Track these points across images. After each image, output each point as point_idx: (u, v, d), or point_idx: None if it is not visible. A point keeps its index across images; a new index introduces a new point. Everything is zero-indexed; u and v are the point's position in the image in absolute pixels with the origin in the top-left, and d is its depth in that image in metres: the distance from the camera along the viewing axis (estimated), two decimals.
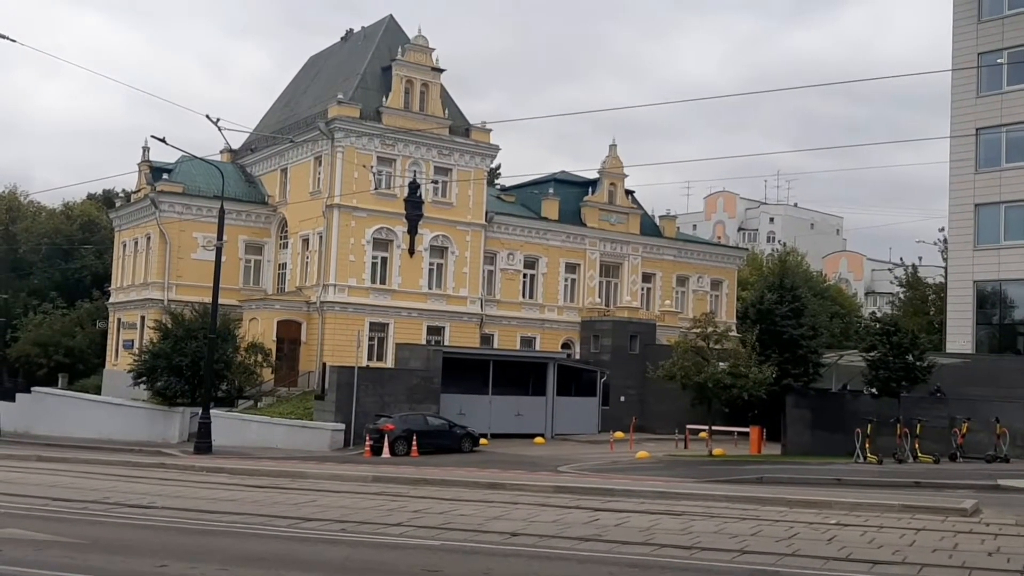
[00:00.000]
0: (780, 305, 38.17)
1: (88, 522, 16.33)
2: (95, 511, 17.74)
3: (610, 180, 56.00)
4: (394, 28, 53.45)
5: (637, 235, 56.67)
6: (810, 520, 16.78)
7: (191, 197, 50.75)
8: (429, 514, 17.15)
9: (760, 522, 16.49)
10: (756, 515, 17.48)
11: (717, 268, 60.24)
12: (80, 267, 62.83)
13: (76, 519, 16.68)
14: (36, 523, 15.82)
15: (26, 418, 51.16)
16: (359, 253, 47.82)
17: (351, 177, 47.41)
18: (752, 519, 16.89)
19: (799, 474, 28.01)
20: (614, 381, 48.04)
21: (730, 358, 36.05)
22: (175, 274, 50.25)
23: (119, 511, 17.69)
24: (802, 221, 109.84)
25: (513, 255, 52.78)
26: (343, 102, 48.00)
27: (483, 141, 51.53)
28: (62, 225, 66.44)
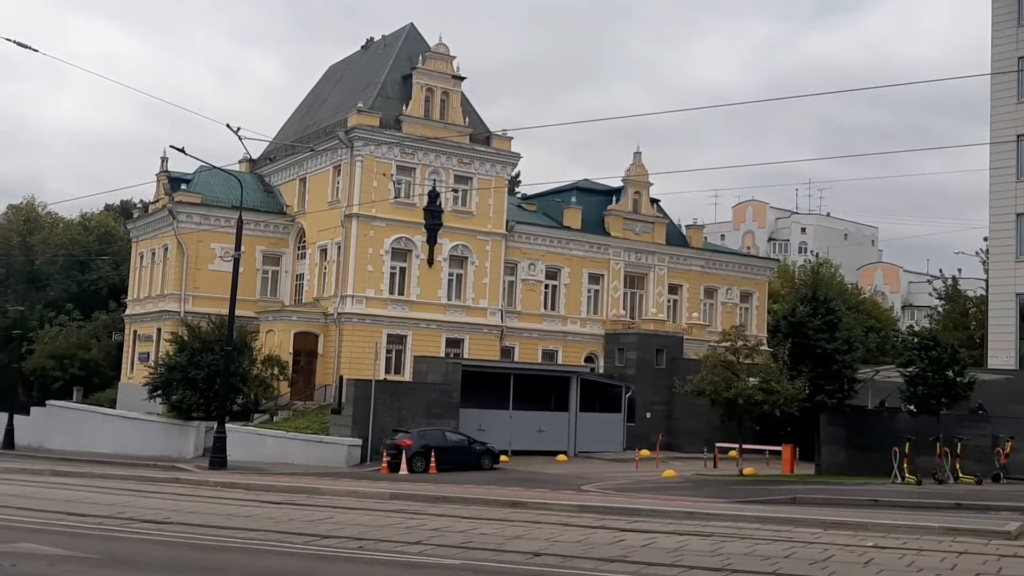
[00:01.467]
0: (813, 318, 37.03)
1: (103, 537, 16.24)
2: (110, 526, 17.66)
3: (634, 188, 54.84)
4: (415, 36, 52.74)
5: (663, 245, 55.43)
6: (846, 542, 16.27)
7: (209, 207, 50.18)
8: (449, 532, 16.98)
9: (793, 544, 16.10)
10: (789, 536, 17.09)
11: (747, 280, 58.84)
12: (97, 278, 62.56)
13: (90, 534, 16.57)
14: (50, 538, 15.76)
15: (41, 432, 50.70)
16: (377, 263, 46.97)
17: (370, 186, 46.64)
18: (785, 541, 16.50)
19: (834, 494, 27.19)
20: (639, 397, 46.82)
21: (761, 373, 34.89)
22: (192, 285, 49.60)
23: (134, 526, 17.61)
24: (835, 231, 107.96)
25: (534, 265, 51.73)
26: (363, 111, 47.29)
27: (504, 149, 50.60)
28: (79, 236, 66.25)
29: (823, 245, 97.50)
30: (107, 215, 70.46)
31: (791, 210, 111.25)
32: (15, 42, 23.91)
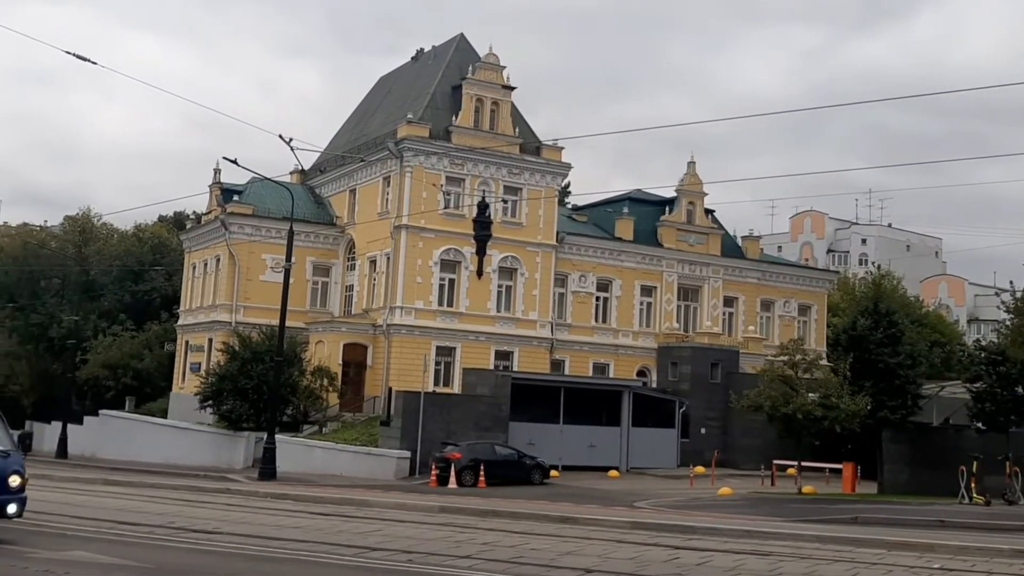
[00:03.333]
0: (875, 331, 36.13)
1: (154, 546, 16.28)
2: (161, 535, 17.71)
3: (688, 199, 53.98)
4: (464, 47, 52.48)
5: (718, 256, 54.44)
6: (911, 564, 16.02)
7: (260, 218, 50.33)
8: (499, 547, 16.84)
9: (855, 564, 15.85)
10: (851, 557, 16.81)
11: (805, 292, 57.54)
12: (150, 289, 63.08)
13: (142, 543, 16.62)
14: (102, 546, 15.82)
15: (93, 441, 51.16)
16: (426, 275, 46.68)
17: (419, 197, 46.40)
18: (847, 561, 16.26)
19: (897, 514, 26.61)
20: (694, 412, 45.87)
21: (820, 388, 33.93)
22: (243, 296, 49.73)
23: (184, 536, 17.64)
24: (897, 243, 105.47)
25: (585, 277, 51.04)
26: (412, 121, 47.12)
27: (554, 159, 50.06)
28: (133, 247, 66.85)
29: (884, 257, 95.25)
30: (160, 226, 71.18)
31: (851, 221, 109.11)
32: (74, 54, 23.86)
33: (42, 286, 64.98)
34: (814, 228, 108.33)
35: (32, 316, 63.06)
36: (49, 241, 70.00)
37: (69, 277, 63.89)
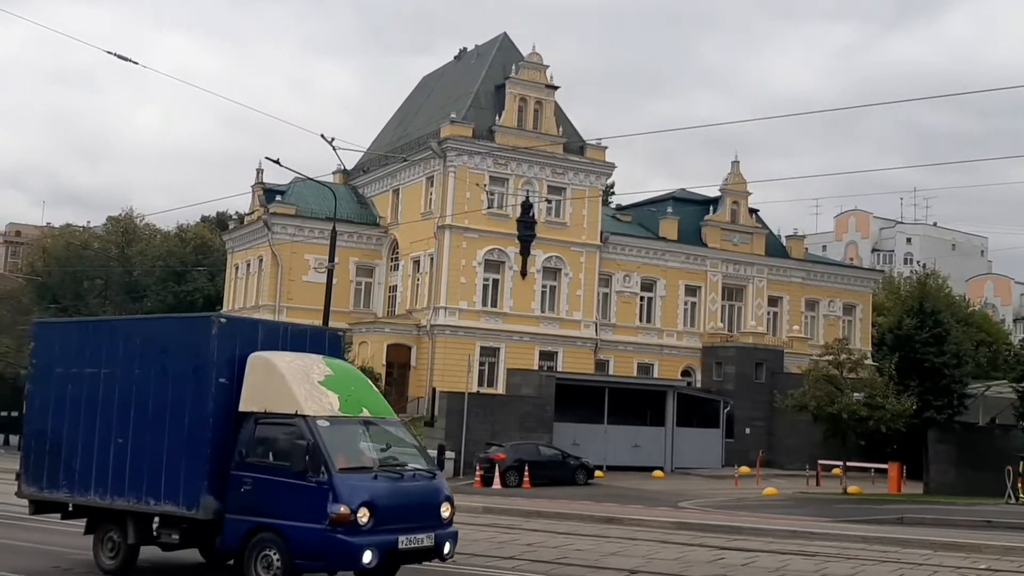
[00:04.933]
0: (920, 331, 35.70)
1: None
2: None
3: (732, 198, 53.65)
4: (508, 46, 52.52)
5: (762, 256, 54.10)
6: (957, 564, 15.95)
7: (303, 219, 50.58)
8: (543, 548, 16.85)
9: (901, 565, 15.76)
10: (897, 558, 16.73)
11: (850, 291, 57.06)
12: (193, 289, 63.21)
13: None
14: None
15: None
16: (470, 275, 46.74)
17: (463, 197, 46.46)
18: (892, 562, 16.17)
19: (944, 515, 26.25)
20: (738, 412, 45.54)
21: (866, 388, 33.55)
22: (286, 296, 50.01)
23: None
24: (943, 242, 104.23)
25: (629, 277, 50.88)
26: (456, 121, 47.20)
27: (598, 159, 49.94)
28: (176, 248, 67.03)
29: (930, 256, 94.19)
30: (203, 226, 71.39)
31: (896, 220, 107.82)
32: (115, 54, 23.90)
33: (85, 287, 65.37)
34: (859, 227, 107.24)
35: (75, 317, 63.12)
36: (92, 242, 70.27)
37: (112, 278, 64.23)
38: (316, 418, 12.17)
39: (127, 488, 13.26)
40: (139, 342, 13.75)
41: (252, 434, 12.50)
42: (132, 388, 13.46)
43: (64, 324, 16.59)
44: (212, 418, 12.62)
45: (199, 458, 12.61)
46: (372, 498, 11.72)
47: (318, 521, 11.55)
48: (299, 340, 13.88)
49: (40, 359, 15.06)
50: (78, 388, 14.06)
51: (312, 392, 12.51)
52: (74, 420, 13.98)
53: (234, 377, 12.80)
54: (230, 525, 12.37)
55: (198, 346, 12.98)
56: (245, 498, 12.27)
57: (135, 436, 13.31)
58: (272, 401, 12.45)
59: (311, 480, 11.73)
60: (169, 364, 13.24)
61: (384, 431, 13.03)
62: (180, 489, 12.70)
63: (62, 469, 14.00)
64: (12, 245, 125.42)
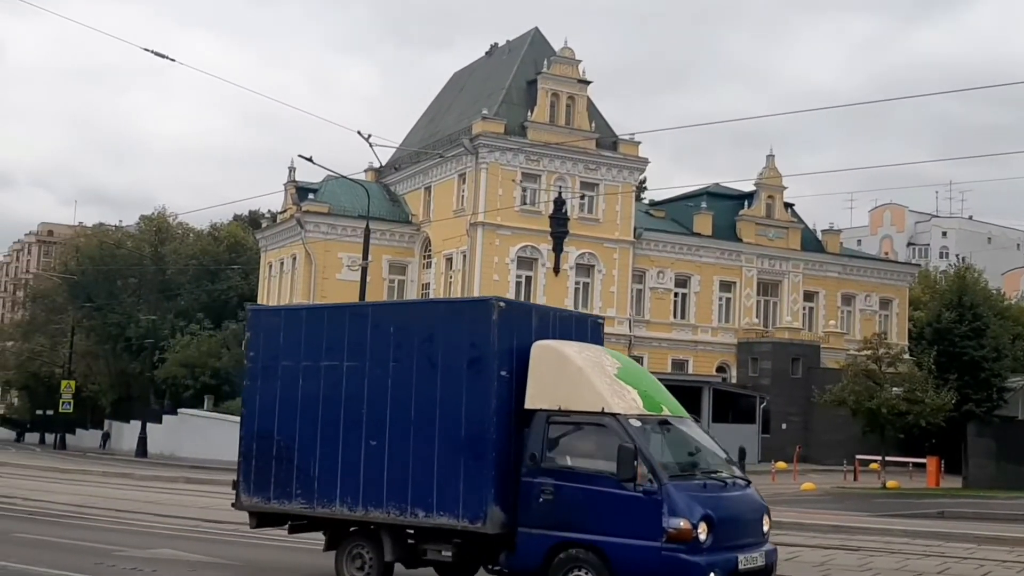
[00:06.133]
0: (959, 324, 35.24)
1: (241, 544, 16.20)
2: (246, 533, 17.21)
3: (767, 193, 53.10)
4: (539, 41, 52.13)
5: (798, 251, 53.52)
6: (1002, 558, 15.91)
7: (336, 217, 50.47)
8: None
9: (946, 560, 15.70)
10: (940, 552, 16.64)
11: (886, 286, 56.30)
12: (226, 288, 62.79)
13: (228, 541, 16.65)
14: (188, 544, 15.95)
15: (172, 440, 51.82)
16: (503, 272, 46.53)
17: (495, 194, 46.27)
18: (937, 556, 16.11)
19: (985, 509, 26.06)
20: (774, 407, 45.20)
21: (905, 382, 33.13)
22: (320, 294, 49.93)
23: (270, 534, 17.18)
24: (978, 235, 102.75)
25: (663, 273, 50.49)
26: (487, 117, 46.98)
27: (631, 154, 49.55)
28: (209, 246, 66.88)
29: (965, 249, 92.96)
30: (236, 225, 71.21)
31: (931, 213, 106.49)
32: (151, 51, 23.79)
33: (119, 286, 65.23)
34: (894, 221, 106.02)
35: (109, 316, 63.40)
36: (125, 241, 70.23)
37: (145, 277, 64.00)
38: (627, 417, 10.74)
39: (385, 498, 11.70)
40: (393, 330, 12.09)
41: (544, 435, 10.99)
42: (386, 383, 11.88)
43: (292, 311, 14.93)
44: (495, 417, 11.10)
45: (483, 463, 11.06)
46: (710, 511, 10.29)
47: (650, 538, 10.11)
48: (566, 327, 12.42)
49: (260, 351, 13.17)
50: (312, 384, 12.45)
51: (613, 387, 11.12)
52: (309, 420, 12.41)
53: (513, 370, 11.29)
54: (526, 541, 10.88)
55: (474, 334, 11.37)
56: (545, 509, 10.79)
57: (393, 438, 11.75)
58: (568, 397, 11.01)
59: (635, 489, 10.26)
60: (437, 355, 11.62)
61: (685, 433, 11.63)
62: (459, 499, 11.16)
63: (296, 477, 12.42)
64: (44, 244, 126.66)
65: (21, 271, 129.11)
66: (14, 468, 38.28)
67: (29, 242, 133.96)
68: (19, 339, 78.11)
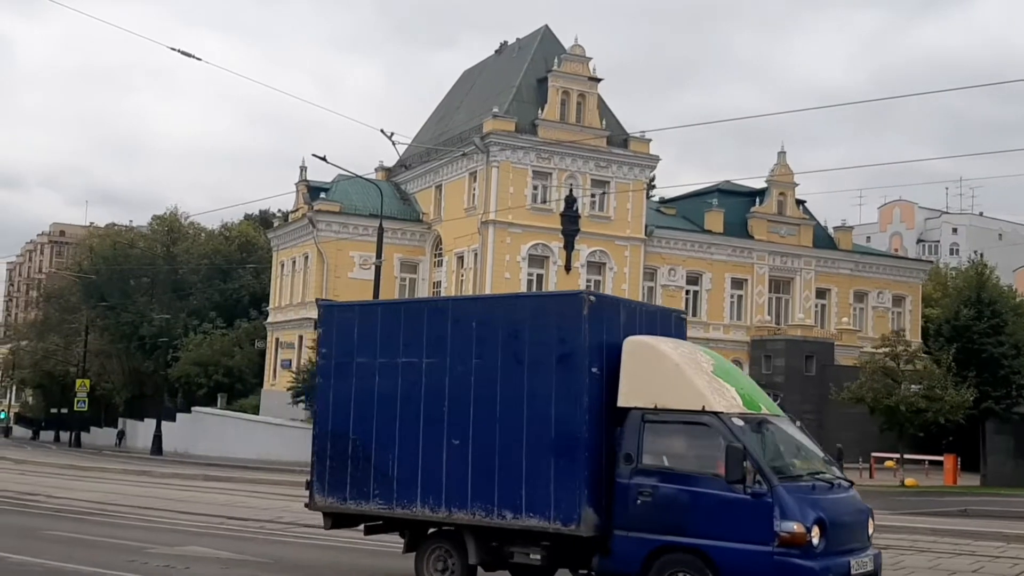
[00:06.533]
0: (978, 321, 34.97)
1: (268, 541, 16.31)
2: (271, 530, 17.77)
3: (779, 190, 52.95)
4: (549, 39, 52.03)
5: (810, 248, 53.38)
6: None
7: (347, 216, 50.50)
8: None
9: (978, 558, 15.62)
10: (971, 550, 16.58)
11: (899, 283, 56.08)
12: (238, 287, 63.27)
13: (254, 538, 16.75)
14: (215, 541, 15.98)
15: (186, 437, 51.96)
16: (514, 270, 46.42)
17: (506, 192, 46.18)
18: (968, 555, 16.05)
19: (1007, 506, 25.88)
20: (788, 405, 44.26)
21: (923, 379, 32.95)
22: (332, 293, 49.78)
23: (296, 531, 17.56)
24: (989, 232, 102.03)
25: (675, 271, 50.36)
26: (498, 116, 46.86)
27: (642, 152, 49.41)
28: (220, 246, 67.25)
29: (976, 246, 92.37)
30: (247, 224, 71.49)
31: (941, 210, 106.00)
32: (178, 51, 23.80)
33: (132, 285, 65.55)
34: (903, 218, 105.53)
35: (123, 315, 63.78)
36: (137, 241, 70.68)
37: (158, 276, 64.37)
38: (730, 415, 10.34)
39: (470, 499, 11.31)
40: (475, 326, 11.67)
41: (639, 434, 10.63)
42: (469, 380, 11.49)
43: (366, 306, 14.43)
44: (588, 415, 10.71)
45: (575, 463, 10.68)
46: (822, 514, 9.87)
47: (761, 542, 9.74)
48: (651, 322, 12.03)
49: (333, 348, 12.81)
50: (389, 381, 12.07)
51: (712, 384, 10.73)
52: (387, 419, 12.04)
53: (603, 366, 10.90)
54: (622, 544, 10.51)
55: (564, 330, 10.98)
56: (643, 511, 10.41)
57: (477, 437, 11.35)
58: (665, 395, 10.63)
59: (744, 492, 9.87)
60: (523, 351, 11.21)
61: (785, 432, 11.11)
62: (549, 500, 10.75)
63: (374, 477, 12.07)
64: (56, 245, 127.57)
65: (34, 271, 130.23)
66: (35, 466, 38.55)
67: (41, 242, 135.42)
68: (33, 338, 78.73)
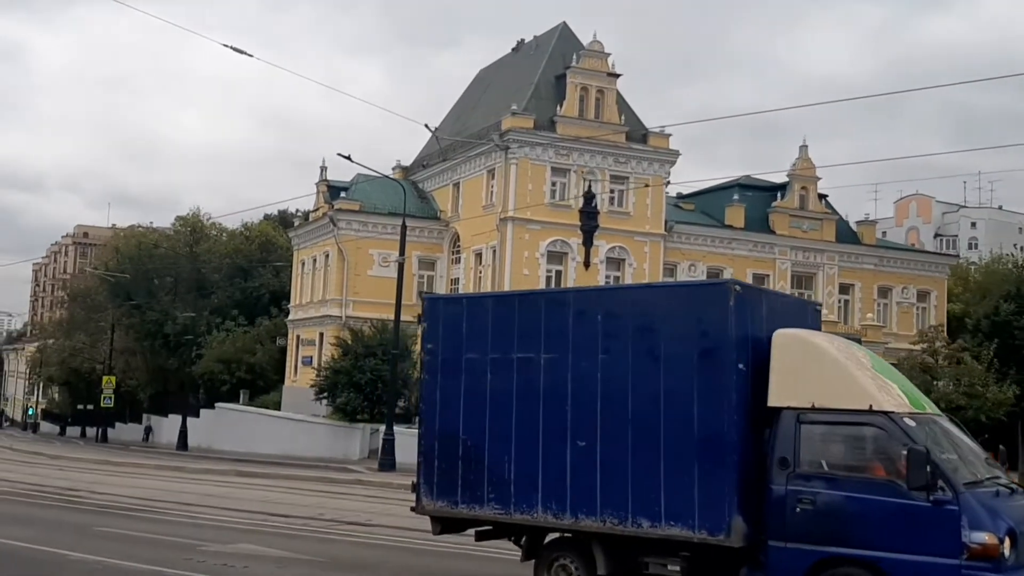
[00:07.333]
0: (1019, 316, 34.50)
1: (317, 539, 16.31)
2: (316, 527, 17.78)
3: (801, 184, 52.50)
4: (567, 35, 51.87)
5: (832, 243, 52.99)
6: None
7: (367, 214, 50.59)
8: None
9: None
10: None
11: (924, 277, 55.64)
12: (259, 286, 64.02)
13: (302, 535, 16.74)
14: (264, 538, 15.93)
15: (210, 433, 52.25)
16: (533, 267, 46.28)
17: (525, 189, 46.05)
18: None
19: None
20: None
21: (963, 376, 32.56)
22: (352, 290, 50.09)
23: (341, 528, 17.65)
24: (1009, 225, 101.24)
25: (695, 266, 50.10)
26: (517, 113, 46.69)
27: (661, 147, 49.12)
28: (241, 245, 68.11)
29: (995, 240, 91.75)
30: (267, 224, 72.37)
31: (959, 204, 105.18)
32: (232, 47, 23.95)
33: (156, 284, 66.70)
34: (920, 212, 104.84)
35: (148, 313, 64.76)
36: (161, 241, 71.73)
37: (181, 275, 65.51)
38: (901, 415, 9.62)
39: (599, 505, 10.58)
40: (601, 319, 10.91)
41: (795, 436, 9.87)
42: (595, 377, 10.76)
43: (474, 299, 13.70)
44: (735, 416, 10.01)
45: (723, 468, 9.94)
46: (1012, 524, 9.15)
47: (946, 554, 9.01)
48: (791, 314, 11.38)
49: (439, 344, 12.14)
50: (503, 378, 11.37)
51: (876, 381, 9.96)
52: (501, 418, 11.34)
53: (749, 362, 10.20)
54: (779, 556, 9.76)
55: (706, 322, 10.26)
56: (804, 520, 9.65)
57: (606, 438, 10.61)
58: (824, 393, 9.86)
59: (926, 499, 9.14)
60: (659, 346, 10.47)
61: (952, 432, 10.48)
62: (693, 507, 10.02)
63: (488, 480, 11.39)
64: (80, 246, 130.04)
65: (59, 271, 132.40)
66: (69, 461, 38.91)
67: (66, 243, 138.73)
68: (60, 337, 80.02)
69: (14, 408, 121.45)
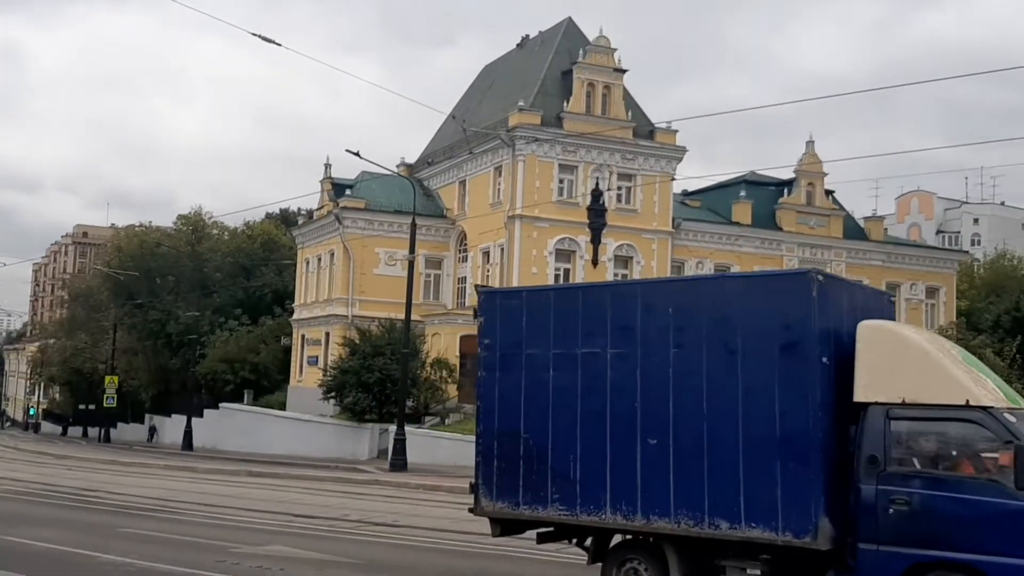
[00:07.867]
0: None
1: (349, 541, 16.11)
2: (345, 529, 17.59)
3: (807, 180, 52.36)
4: (573, 31, 51.65)
5: (840, 239, 52.88)
6: None
7: (373, 212, 50.34)
8: None
9: None
10: None
11: (932, 274, 55.53)
12: (261, 285, 63.85)
13: (332, 537, 16.57)
14: (295, 540, 15.72)
15: (214, 433, 51.96)
16: (541, 265, 46.06)
17: (532, 187, 45.83)
18: None
19: None
20: None
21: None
22: (358, 289, 49.84)
23: (368, 529, 17.42)
24: (1012, 221, 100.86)
25: (702, 263, 49.88)
26: (524, 109, 46.45)
27: (668, 143, 48.94)
28: (244, 244, 67.83)
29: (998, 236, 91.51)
30: (269, 223, 72.15)
31: (961, 200, 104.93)
32: (260, 36, 23.71)
33: (158, 284, 66.28)
34: (922, 208, 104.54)
35: (150, 313, 64.52)
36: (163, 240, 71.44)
37: (184, 274, 65.14)
38: (1000, 411, 9.17)
39: (673, 506, 10.19)
40: (672, 312, 10.54)
41: (885, 433, 9.46)
42: (666, 373, 10.38)
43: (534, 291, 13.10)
44: (821, 412, 9.58)
45: (808, 466, 9.50)
46: None
47: None
48: (870, 305, 10.94)
49: (497, 339, 11.67)
50: (566, 374, 11.01)
51: (971, 375, 9.55)
52: (565, 416, 10.96)
53: (832, 355, 9.77)
54: (871, 559, 9.36)
55: (788, 314, 9.81)
56: (897, 522, 9.27)
57: (680, 436, 10.24)
58: (916, 388, 9.43)
59: None
60: (736, 339, 10.07)
61: None
62: (776, 508, 9.59)
63: (551, 480, 10.97)
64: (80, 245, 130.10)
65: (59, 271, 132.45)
66: (77, 461, 38.93)
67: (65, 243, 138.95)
68: (62, 336, 79.87)
69: (15, 408, 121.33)
